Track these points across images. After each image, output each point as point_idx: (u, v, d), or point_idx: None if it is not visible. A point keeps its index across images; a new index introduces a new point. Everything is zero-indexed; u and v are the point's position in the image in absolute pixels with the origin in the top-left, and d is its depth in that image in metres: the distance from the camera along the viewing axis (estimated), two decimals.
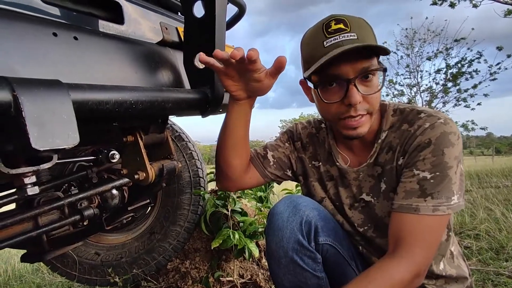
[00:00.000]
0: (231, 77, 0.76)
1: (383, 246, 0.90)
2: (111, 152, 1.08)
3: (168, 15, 0.99)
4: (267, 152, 0.98)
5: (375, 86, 0.77)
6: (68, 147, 0.47)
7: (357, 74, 0.74)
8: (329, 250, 0.83)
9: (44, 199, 0.99)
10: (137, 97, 0.62)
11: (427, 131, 0.76)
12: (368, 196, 0.89)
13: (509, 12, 8.17)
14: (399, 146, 0.82)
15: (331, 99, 0.78)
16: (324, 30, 0.76)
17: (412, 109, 0.84)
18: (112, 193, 1.14)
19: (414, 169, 0.76)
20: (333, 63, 0.73)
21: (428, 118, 0.78)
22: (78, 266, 1.40)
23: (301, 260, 0.81)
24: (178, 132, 1.50)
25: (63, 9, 0.69)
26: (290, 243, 0.81)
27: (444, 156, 0.73)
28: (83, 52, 0.64)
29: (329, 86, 0.78)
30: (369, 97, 0.76)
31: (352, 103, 0.74)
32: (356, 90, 0.74)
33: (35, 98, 0.45)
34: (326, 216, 0.87)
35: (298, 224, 0.81)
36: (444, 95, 9.75)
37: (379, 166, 0.86)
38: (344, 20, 0.75)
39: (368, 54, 0.74)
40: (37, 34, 0.57)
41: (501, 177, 4.26)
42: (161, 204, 1.48)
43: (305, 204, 0.85)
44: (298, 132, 1.02)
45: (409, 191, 0.75)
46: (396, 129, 0.84)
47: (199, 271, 1.42)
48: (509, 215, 2.09)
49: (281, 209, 0.86)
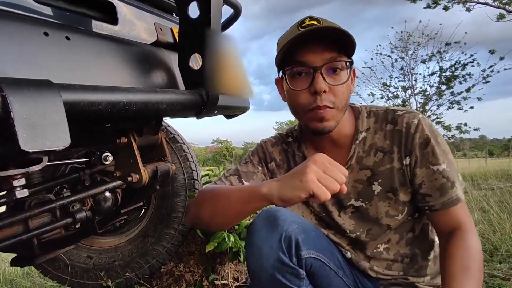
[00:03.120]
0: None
1: (374, 247, 0.91)
2: (104, 154, 1.06)
3: (163, 16, 0.98)
4: (243, 183, 0.93)
5: (343, 80, 0.80)
6: (58, 148, 0.46)
7: (324, 62, 0.77)
8: (313, 263, 0.79)
9: (35, 202, 0.97)
10: (131, 98, 0.61)
11: (420, 126, 0.81)
12: (357, 201, 0.89)
13: (501, 16, 8.29)
14: (395, 147, 0.84)
15: (299, 87, 0.80)
16: (298, 26, 0.80)
17: (386, 109, 0.89)
18: (105, 195, 1.13)
19: (431, 166, 0.81)
20: (301, 50, 0.77)
21: (409, 115, 0.84)
22: (70, 269, 1.38)
23: (284, 278, 0.75)
24: (172, 133, 1.49)
25: (56, 9, 0.68)
26: (270, 261, 0.75)
27: (442, 144, 0.82)
28: (75, 52, 0.63)
29: (298, 76, 0.81)
30: (335, 90, 0.79)
31: (317, 90, 0.77)
32: (322, 78, 0.77)
33: (25, 99, 0.43)
34: (306, 227, 0.82)
35: (277, 241, 0.75)
36: (438, 98, 9.85)
37: (368, 169, 0.87)
38: (318, 19, 0.79)
39: (336, 48, 0.78)
40: (27, 34, 0.56)
41: (494, 179, 4.30)
42: (155, 206, 1.47)
43: (283, 218, 0.78)
44: (270, 151, 0.99)
45: (442, 187, 0.80)
46: (378, 130, 0.86)
47: (194, 275, 1.40)
48: (503, 217, 2.11)
49: (259, 225, 0.79)
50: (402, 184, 0.84)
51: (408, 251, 0.90)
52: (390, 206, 0.86)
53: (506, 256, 1.67)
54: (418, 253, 0.90)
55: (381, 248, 0.90)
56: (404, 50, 10.15)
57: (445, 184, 0.80)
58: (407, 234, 0.90)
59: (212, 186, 0.89)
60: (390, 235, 0.90)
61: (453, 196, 0.80)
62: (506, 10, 8.16)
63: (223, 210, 0.81)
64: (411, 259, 0.90)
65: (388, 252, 0.90)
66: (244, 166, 0.97)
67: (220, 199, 0.82)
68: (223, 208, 0.81)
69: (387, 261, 0.91)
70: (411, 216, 0.89)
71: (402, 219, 0.87)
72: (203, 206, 0.85)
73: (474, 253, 0.76)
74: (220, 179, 0.95)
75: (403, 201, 0.85)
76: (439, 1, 8.64)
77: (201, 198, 0.87)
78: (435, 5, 8.75)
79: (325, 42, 0.77)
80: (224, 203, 0.80)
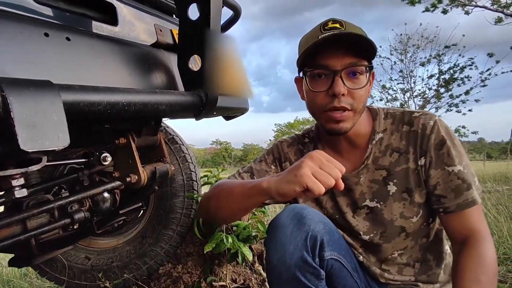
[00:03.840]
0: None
1: (387, 252, 0.90)
2: (103, 155, 1.06)
3: (163, 17, 0.98)
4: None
5: (361, 84, 0.80)
6: (57, 148, 0.46)
7: (344, 67, 0.78)
8: (334, 265, 0.80)
9: (33, 202, 0.97)
10: (130, 99, 0.61)
11: (435, 127, 0.82)
12: (372, 202, 0.89)
13: (499, 20, 8.33)
14: (411, 147, 0.84)
15: (318, 88, 0.81)
16: (321, 28, 0.81)
17: (403, 111, 0.89)
18: (104, 196, 1.13)
19: (446, 167, 0.80)
20: (323, 54, 0.78)
21: (426, 116, 0.84)
22: (68, 270, 1.38)
23: (304, 277, 0.76)
24: (171, 134, 1.49)
25: (56, 10, 0.68)
26: (293, 259, 0.75)
27: (458, 146, 0.82)
28: (75, 53, 0.63)
29: (318, 78, 0.82)
30: (354, 93, 0.80)
31: (336, 93, 0.78)
32: (342, 82, 0.78)
33: (25, 99, 0.44)
34: (331, 228, 0.83)
35: (303, 240, 0.76)
36: (437, 101, 9.88)
37: (383, 170, 0.87)
38: (341, 21, 0.80)
39: (357, 53, 0.78)
40: (28, 34, 0.56)
41: (492, 181, 4.31)
42: (153, 207, 1.47)
43: (310, 217, 0.79)
44: (285, 151, 1.00)
45: (457, 189, 0.80)
46: (394, 131, 0.86)
47: (192, 276, 1.40)
48: (500, 219, 2.11)
49: (285, 222, 0.80)
50: (417, 185, 0.84)
51: (420, 256, 0.90)
52: (405, 207, 0.86)
53: (503, 259, 1.67)
54: (431, 259, 0.90)
55: (395, 254, 0.90)
56: (404, 52, 10.20)
57: (461, 185, 0.79)
58: (421, 239, 0.90)
59: (221, 181, 0.93)
60: (407, 242, 0.89)
61: (468, 198, 0.79)
62: (504, 13, 8.20)
63: (227, 204, 0.85)
64: (423, 264, 0.90)
65: (401, 257, 0.90)
66: (258, 164, 0.99)
67: (224, 193, 0.86)
68: (226, 201, 0.85)
69: (399, 265, 0.90)
70: (426, 222, 0.88)
71: (416, 222, 0.86)
72: (211, 200, 0.90)
73: (487, 265, 0.74)
74: (234, 175, 0.99)
75: (418, 202, 0.85)
76: (438, 5, 8.68)
77: (210, 192, 0.92)
78: (434, 8, 8.80)
79: (347, 47, 0.78)
80: (228, 197, 0.84)
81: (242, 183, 0.83)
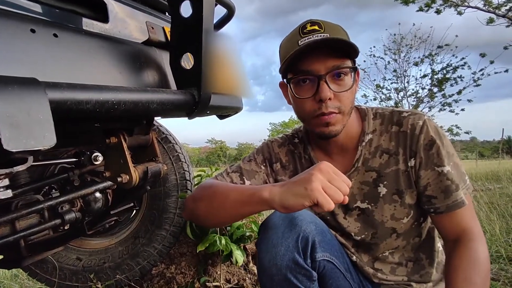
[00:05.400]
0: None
1: (379, 250, 0.90)
2: (94, 154, 1.04)
3: (155, 15, 0.97)
4: (244, 182, 0.92)
5: (347, 85, 0.79)
6: (43, 148, 0.45)
7: (328, 70, 0.77)
8: (326, 266, 0.79)
9: (22, 203, 0.95)
10: (120, 97, 0.60)
11: (424, 128, 0.81)
12: (363, 203, 0.88)
13: (491, 20, 8.42)
14: (401, 149, 0.83)
15: (304, 95, 0.80)
16: (299, 31, 0.79)
17: (391, 110, 0.88)
18: (95, 196, 1.11)
19: (436, 167, 0.80)
20: (305, 59, 0.77)
21: (415, 116, 0.83)
22: (59, 272, 1.35)
23: (295, 279, 0.75)
24: (164, 134, 1.47)
25: (43, 5, 0.66)
26: (285, 261, 0.74)
27: (448, 145, 0.81)
28: (63, 50, 0.61)
29: (302, 83, 0.80)
30: (340, 96, 0.79)
31: (322, 98, 0.76)
32: (327, 86, 0.77)
33: (8, 97, 0.42)
34: (323, 229, 0.82)
35: (294, 241, 0.75)
36: (430, 100, 9.97)
37: (373, 171, 0.86)
38: (319, 23, 0.79)
39: (339, 54, 0.77)
40: (13, 30, 0.54)
41: (484, 180, 4.36)
42: (146, 207, 1.45)
43: (302, 218, 0.78)
44: (276, 152, 0.98)
45: (446, 190, 0.79)
46: (383, 132, 0.86)
47: (185, 276, 1.39)
48: (492, 218, 2.13)
49: (276, 222, 0.79)
50: (408, 186, 0.84)
51: (412, 255, 0.90)
52: (395, 209, 0.86)
53: (496, 257, 1.69)
54: (423, 257, 0.90)
55: (387, 253, 0.90)
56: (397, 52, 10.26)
57: (450, 186, 0.79)
58: (413, 239, 0.90)
59: (211, 182, 0.88)
60: (398, 242, 0.89)
61: (457, 199, 0.79)
62: (496, 14, 8.29)
63: (219, 209, 0.80)
64: (416, 263, 0.90)
65: (393, 256, 0.90)
66: (247, 164, 0.96)
67: (217, 198, 0.80)
68: (219, 207, 0.80)
69: (391, 264, 0.90)
70: (417, 222, 0.88)
71: (407, 223, 0.86)
72: (200, 202, 0.84)
73: (479, 264, 0.74)
74: (221, 174, 0.95)
75: (409, 203, 0.85)
76: (431, 5, 8.75)
77: (199, 194, 0.86)
78: (428, 8, 8.86)
79: (328, 49, 0.76)
80: (221, 202, 0.79)
81: (238, 188, 0.79)
